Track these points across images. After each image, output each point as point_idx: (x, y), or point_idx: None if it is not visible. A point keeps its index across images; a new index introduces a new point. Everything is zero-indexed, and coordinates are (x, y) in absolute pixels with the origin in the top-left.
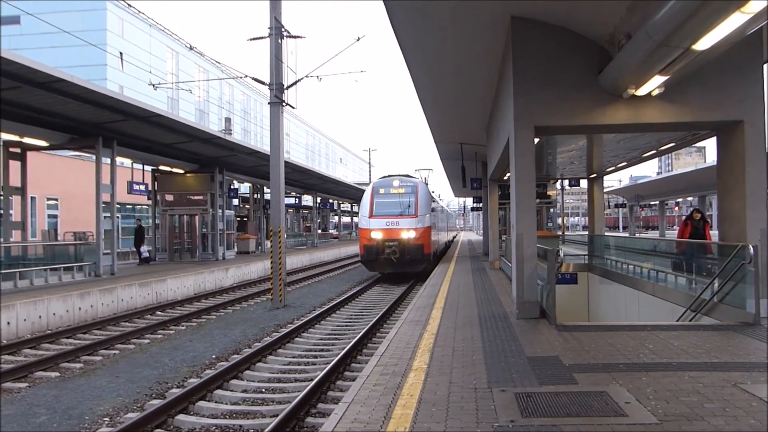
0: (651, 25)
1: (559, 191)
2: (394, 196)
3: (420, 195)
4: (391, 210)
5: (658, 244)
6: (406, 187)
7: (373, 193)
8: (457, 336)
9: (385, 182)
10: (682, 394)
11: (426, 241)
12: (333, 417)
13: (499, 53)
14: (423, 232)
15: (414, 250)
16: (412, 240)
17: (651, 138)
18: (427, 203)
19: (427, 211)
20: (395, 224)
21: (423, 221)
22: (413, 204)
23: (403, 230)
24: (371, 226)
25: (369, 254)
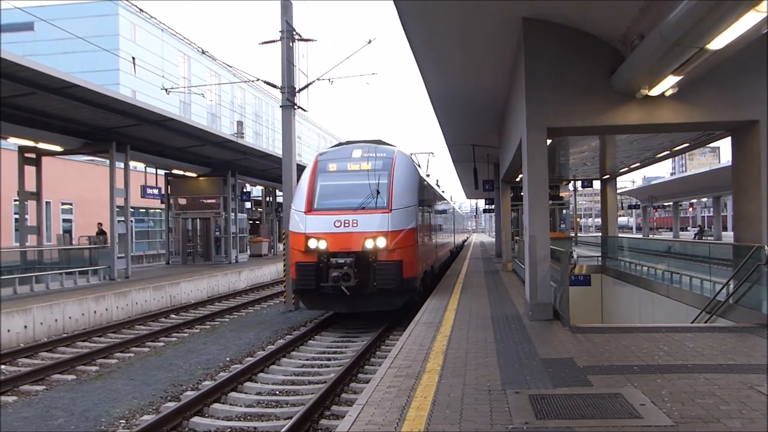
0: (664, 25)
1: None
2: (351, 176)
3: (398, 175)
4: (346, 200)
5: (671, 245)
6: (373, 160)
7: (316, 171)
8: (471, 338)
9: (338, 153)
10: (698, 396)
11: (409, 254)
12: (347, 419)
13: (511, 55)
14: (403, 238)
15: (385, 272)
16: (383, 253)
17: (664, 139)
18: (412, 189)
19: (411, 202)
20: (351, 225)
21: (403, 219)
22: (386, 190)
23: (366, 235)
24: (308, 229)
25: (304, 279)
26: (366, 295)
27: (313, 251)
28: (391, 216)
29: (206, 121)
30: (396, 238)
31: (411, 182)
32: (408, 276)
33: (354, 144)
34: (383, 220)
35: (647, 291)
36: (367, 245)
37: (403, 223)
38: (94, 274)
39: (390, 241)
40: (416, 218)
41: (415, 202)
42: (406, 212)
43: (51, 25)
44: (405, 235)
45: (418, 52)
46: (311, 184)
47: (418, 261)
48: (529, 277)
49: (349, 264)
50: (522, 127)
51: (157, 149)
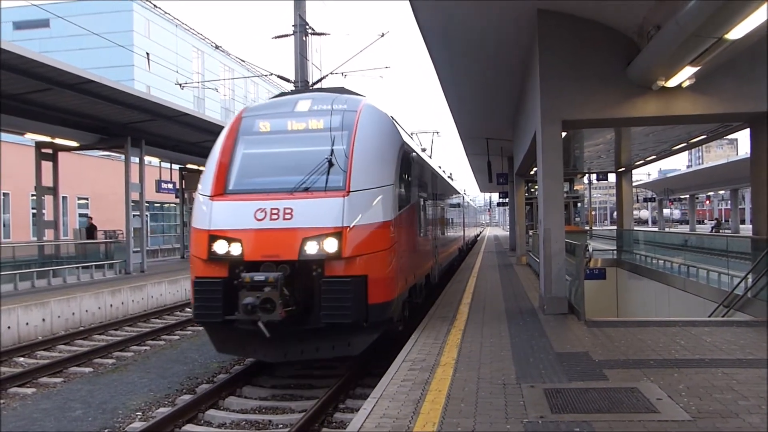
0: (682, 15)
1: (586, 186)
2: (292, 140)
3: (364, 137)
4: (279, 179)
5: (688, 238)
6: (326, 116)
7: (237, 134)
8: (485, 331)
9: (275, 106)
10: (716, 391)
11: (379, 264)
12: (362, 412)
13: (526, 47)
14: (370, 238)
15: (336, 295)
16: (334, 264)
17: (681, 130)
18: (388, 160)
19: (384, 180)
20: (283, 217)
21: (369, 207)
22: (342, 160)
23: (306, 233)
24: (214, 224)
25: (203, 305)
26: (306, 333)
27: (221, 260)
28: (348, 202)
29: (220, 116)
30: (356, 239)
31: (385, 150)
32: (377, 300)
33: (300, 94)
34: (334, 209)
35: (663, 285)
36: (308, 250)
37: (371, 213)
38: (110, 268)
39: (346, 243)
40: (394, 205)
41: (393, 181)
42: (376, 196)
43: (67, 22)
44: (374, 233)
45: (432, 45)
46: (225, 153)
47: (398, 274)
48: (544, 271)
49: (275, 282)
50: (536, 119)
51: (172, 144)
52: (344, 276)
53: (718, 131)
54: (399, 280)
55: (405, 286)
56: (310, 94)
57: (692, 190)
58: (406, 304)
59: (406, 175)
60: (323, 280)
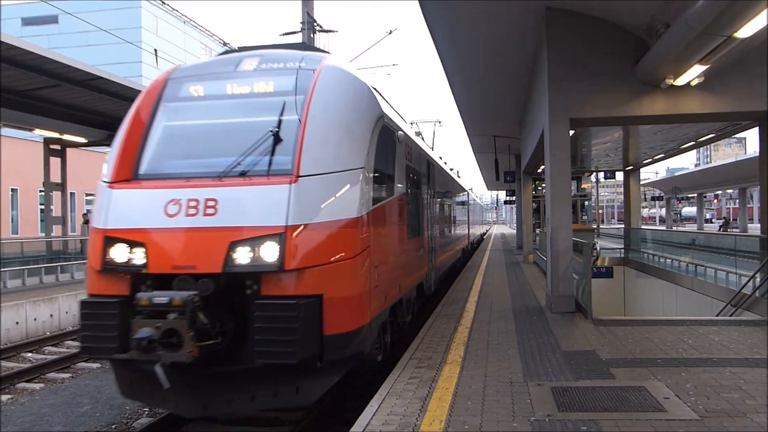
0: (690, 13)
1: (594, 184)
2: (230, 109)
3: (321, 104)
4: (207, 161)
5: (696, 237)
6: (276, 77)
7: (158, 100)
8: (492, 329)
9: (213, 66)
10: (724, 390)
11: (341, 280)
12: (368, 409)
13: (534, 45)
14: (327, 242)
15: (274, 324)
16: (274, 279)
17: (689, 129)
18: (355, 134)
19: (350, 162)
20: (203, 211)
21: (327, 200)
22: (293, 134)
23: (234, 235)
24: (111, 222)
25: (94, 332)
26: (238, 375)
27: (120, 271)
28: (296, 190)
29: None
30: (307, 243)
31: (354, 121)
32: (338, 330)
33: (249, 51)
34: (276, 201)
35: (671, 283)
36: (238, 259)
37: (330, 207)
38: None
39: (291, 249)
40: (366, 197)
41: (363, 163)
42: (339, 183)
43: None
44: (334, 235)
45: (440, 44)
46: (137, 125)
47: (371, 290)
48: (551, 269)
49: (182, 306)
50: (544, 117)
51: None
52: (287, 297)
53: (727, 130)
54: (374, 298)
55: (384, 305)
56: (260, 51)
57: (700, 189)
58: (387, 327)
59: (387, 158)
60: (256, 303)
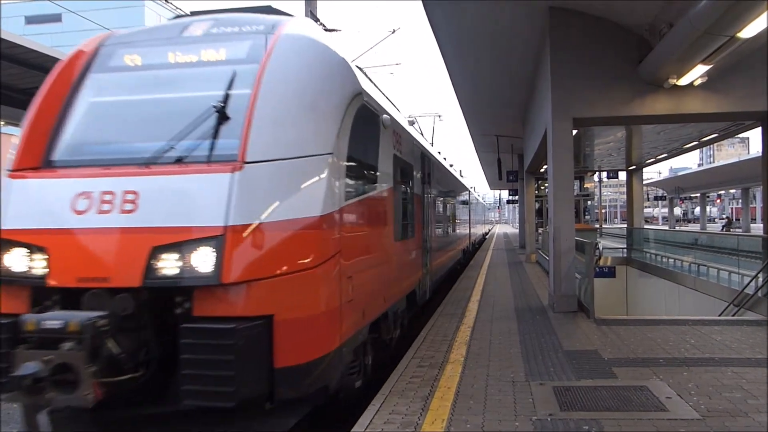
0: (694, 13)
1: (596, 183)
2: (171, 81)
3: (277, 74)
4: (137, 146)
5: (698, 237)
6: (227, 43)
7: (85, 69)
8: (494, 329)
9: (154, 32)
10: (725, 390)
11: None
12: (371, 408)
13: (537, 44)
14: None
15: (208, 354)
16: (209, 295)
17: (692, 129)
18: (321, 111)
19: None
20: (119, 207)
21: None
22: (241, 110)
23: (165, 238)
24: (12, 222)
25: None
26: (167, 417)
27: (17, 283)
28: (240, 181)
29: None
30: (253, 249)
31: (320, 97)
32: (294, 361)
33: (197, 15)
34: (213, 194)
35: (673, 283)
36: (162, 269)
37: (287, 202)
38: None
39: (232, 256)
40: (335, 190)
41: (332, 148)
42: (298, 172)
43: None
44: (291, 239)
45: (443, 42)
46: (52, 100)
47: (342, 307)
48: (554, 269)
49: (80, 333)
50: (547, 117)
51: None
52: (226, 319)
53: (730, 130)
54: (346, 316)
55: (361, 322)
56: (214, 15)
57: (703, 189)
58: (368, 347)
59: (368, 144)
60: (182, 328)
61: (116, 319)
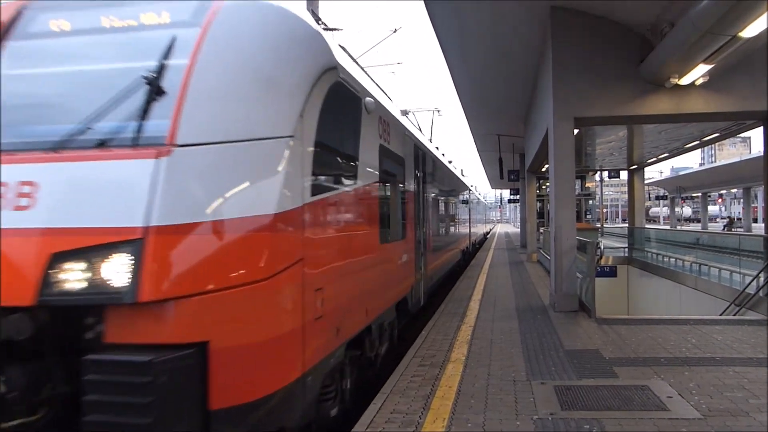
0: (695, 13)
1: (598, 183)
2: (100, 50)
3: (219, 35)
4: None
5: (700, 236)
6: (170, 3)
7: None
8: (495, 328)
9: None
10: (727, 390)
11: (245, 317)
12: (372, 407)
13: (538, 44)
14: (222, 254)
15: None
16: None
17: (694, 128)
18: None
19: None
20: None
21: (229, 183)
22: (176, 83)
23: (67, 242)
24: None
25: None
26: None
27: None
28: (167, 168)
29: None
30: (184, 257)
31: (276, 66)
32: (238, 400)
33: None
34: (130, 186)
35: (675, 283)
36: (63, 282)
37: (230, 197)
38: None
39: (152, 265)
40: (297, 182)
41: (290, 130)
42: (244, 158)
43: None
44: (233, 243)
45: (445, 42)
46: None
47: (309, 328)
48: (555, 268)
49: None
50: (549, 116)
51: None
52: (144, 347)
53: (731, 129)
54: (313, 337)
55: (335, 341)
56: None
57: (705, 189)
58: (346, 369)
59: (345, 130)
60: (85, 361)
61: (3, 347)
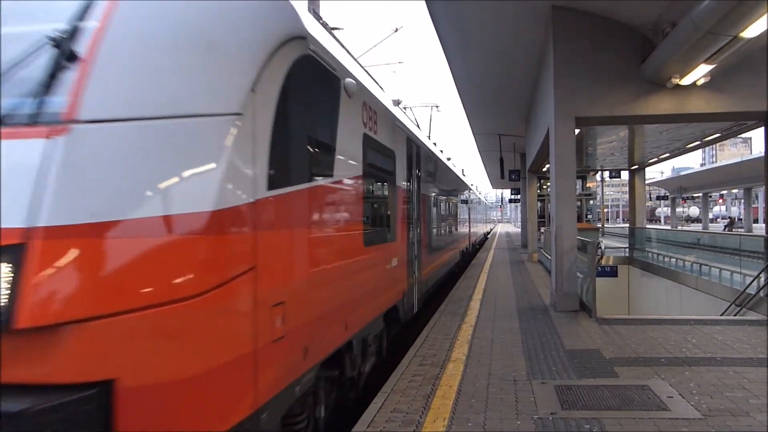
0: (697, 13)
1: (599, 183)
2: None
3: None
4: None
5: (701, 237)
6: None
7: None
8: (496, 327)
9: None
10: (727, 390)
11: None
12: (372, 407)
13: (539, 43)
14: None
15: None
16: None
17: (695, 129)
18: (234, 51)
19: (220, 101)
20: None
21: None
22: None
23: None
24: None
25: None
26: None
27: None
28: (62, 151)
29: None
30: (81, 269)
31: (220, 29)
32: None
33: None
34: (16, 175)
35: (675, 283)
36: None
37: (153, 191)
38: None
39: (35, 282)
40: (245, 172)
41: (237, 106)
42: (173, 139)
43: None
44: (153, 251)
45: (446, 41)
46: None
47: (264, 353)
48: (556, 268)
49: None
50: (550, 116)
51: None
52: (26, 389)
53: (732, 130)
54: (270, 364)
55: (302, 366)
56: None
57: (706, 189)
58: (320, 394)
59: (315, 112)
60: None
61: None
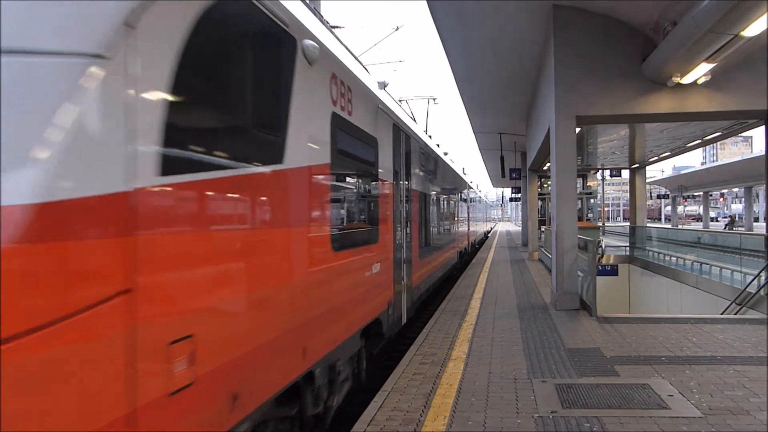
0: (698, 11)
1: (599, 182)
2: None
3: None
4: None
5: (701, 236)
6: None
7: None
8: (496, 326)
9: None
10: (727, 388)
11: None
12: (373, 405)
13: (540, 42)
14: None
15: None
16: None
17: (695, 127)
18: None
19: (91, 39)
20: None
21: None
22: None
23: None
24: None
25: None
26: None
27: None
28: None
29: None
30: None
31: None
32: None
33: None
34: None
35: (676, 281)
36: None
37: None
38: None
39: None
40: (127, 145)
41: (99, 45)
42: None
43: None
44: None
45: (447, 41)
46: None
47: (156, 413)
48: (556, 267)
49: None
50: (550, 115)
51: None
52: None
53: (733, 128)
54: (169, 424)
55: (227, 419)
56: None
57: (706, 188)
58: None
59: (249, 75)
60: None
61: None
